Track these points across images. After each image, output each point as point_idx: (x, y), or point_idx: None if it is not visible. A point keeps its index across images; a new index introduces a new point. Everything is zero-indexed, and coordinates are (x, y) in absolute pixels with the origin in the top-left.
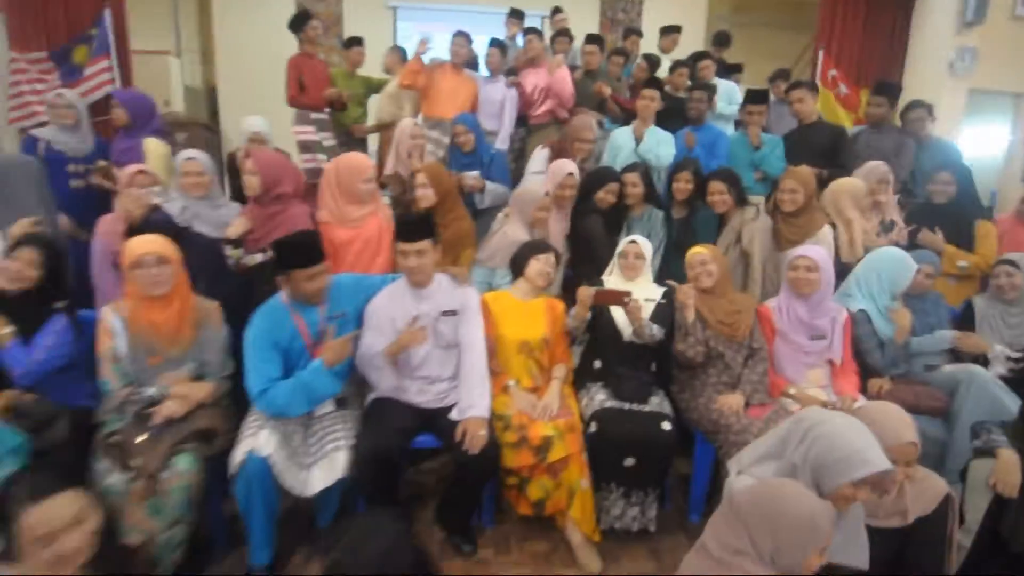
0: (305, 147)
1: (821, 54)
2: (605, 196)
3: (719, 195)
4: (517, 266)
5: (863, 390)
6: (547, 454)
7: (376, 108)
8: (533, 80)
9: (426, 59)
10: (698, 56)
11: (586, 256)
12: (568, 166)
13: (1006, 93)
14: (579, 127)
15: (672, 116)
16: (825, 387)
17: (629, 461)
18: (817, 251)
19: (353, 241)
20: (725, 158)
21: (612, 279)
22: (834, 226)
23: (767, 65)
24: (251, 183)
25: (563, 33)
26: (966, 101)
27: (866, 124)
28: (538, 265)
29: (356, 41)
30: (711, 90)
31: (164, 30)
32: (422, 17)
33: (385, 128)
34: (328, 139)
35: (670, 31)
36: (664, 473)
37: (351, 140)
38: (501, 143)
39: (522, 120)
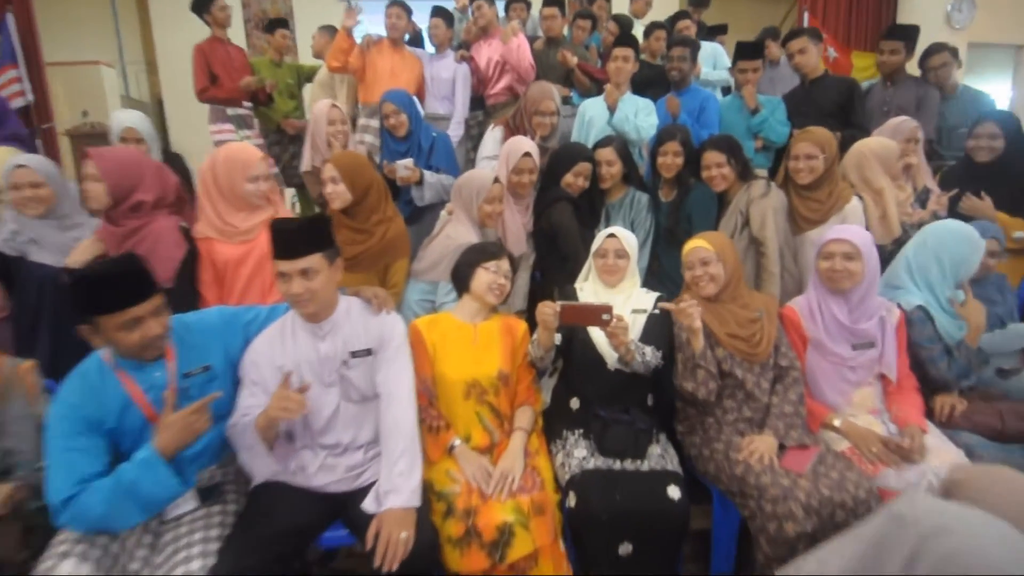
0: None
1: (806, 15)
2: (575, 180)
3: (717, 168)
4: (460, 278)
5: (928, 413)
6: (506, 551)
7: (310, 99)
8: (486, 53)
9: (358, 36)
10: (677, 16)
11: (556, 258)
12: (524, 144)
13: (1007, 46)
14: (536, 96)
15: (650, 86)
16: (878, 413)
17: (625, 548)
18: (856, 232)
19: (243, 260)
20: (716, 126)
21: (588, 286)
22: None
23: (746, 35)
24: (94, 192)
25: None
26: (965, 56)
27: (880, 76)
28: (487, 276)
29: (280, 23)
30: (694, 47)
31: (106, 40)
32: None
33: None
34: (252, 138)
35: None
36: (675, 559)
37: (285, 139)
38: (455, 129)
39: (479, 102)
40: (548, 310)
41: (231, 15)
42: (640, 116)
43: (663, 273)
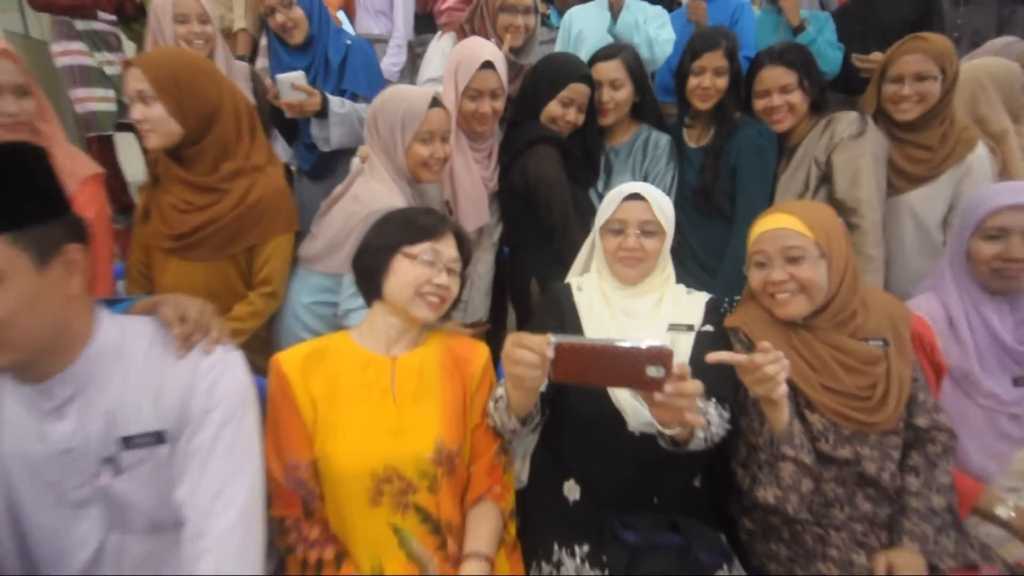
0: (74, 77)
1: None
2: (563, 112)
3: (781, 95)
4: (367, 274)
5: None
6: None
7: None
8: None
9: None
10: None
11: (534, 231)
12: (483, 49)
13: None
14: None
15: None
16: None
17: None
18: None
19: None
20: (753, 47)
21: (590, 283)
22: None
23: None
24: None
25: None
26: None
27: None
28: (414, 269)
29: None
30: None
31: None
32: None
33: None
34: (115, 64)
35: None
36: None
37: None
38: (394, 55)
39: (428, 21)
40: (528, 352)
41: None
42: (652, 24)
43: (688, 256)
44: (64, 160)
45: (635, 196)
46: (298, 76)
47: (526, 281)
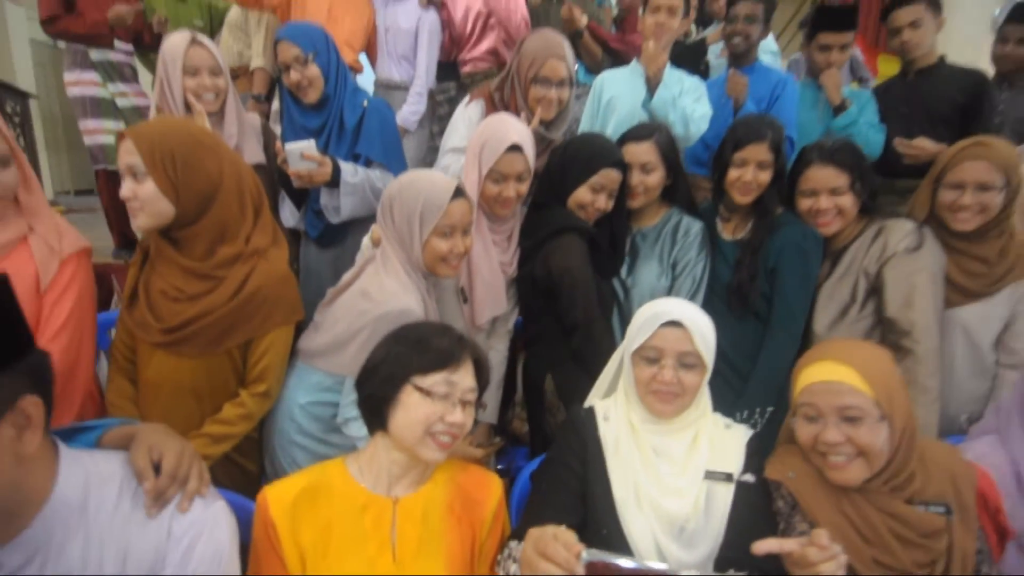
0: (85, 108)
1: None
2: (593, 198)
3: (830, 198)
4: (372, 401)
5: None
6: None
7: (221, 47)
8: (464, 1)
9: None
10: None
11: (553, 326)
12: (511, 129)
13: None
14: (538, 52)
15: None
16: None
17: None
18: None
19: None
20: (794, 124)
21: (617, 409)
22: None
23: None
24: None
25: None
26: None
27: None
28: (427, 406)
29: None
30: (768, 3)
31: None
32: None
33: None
34: (129, 95)
35: None
36: None
37: None
38: (414, 103)
39: (451, 69)
40: (554, 567)
41: None
42: (688, 97)
43: (718, 355)
44: (48, 235)
45: (674, 322)
46: (308, 146)
47: (540, 376)
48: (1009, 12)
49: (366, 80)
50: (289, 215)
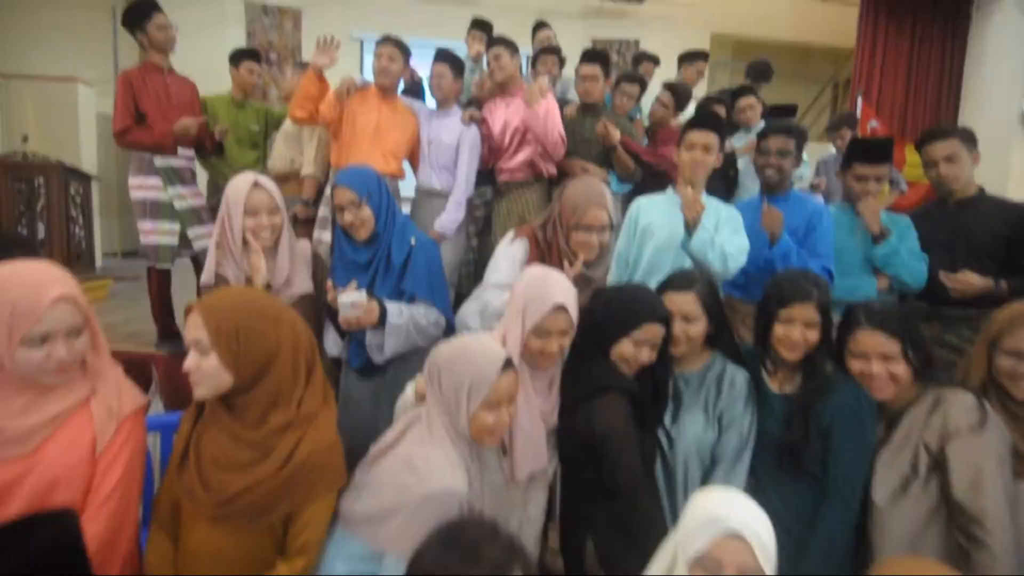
0: (145, 210)
1: (860, 101)
2: (636, 352)
3: (882, 363)
4: None
5: None
6: None
7: (273, 155)
8: (503, 115)
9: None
10: (738, 92)
11: (593, 483)
12: (556, 288)
13: None
14: (580, 201)
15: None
16: None
17: None
18: None
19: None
20: (831, 256)
21: None
22: None
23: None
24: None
25: (550, 51)
26: None
27: None
28: None
29: (248, 55)
30: (800, 136)
31: (94, 55)
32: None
33: (282, 182)
34: (187, 197)
35: (694, 58)
36: None
37: None
38: (453, 211)
39: (488, 175)
40: None
41: (175, 37)
42: (725, 233)
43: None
44: (109, 397)
45: (735, 537)
46: (358, 298)
47: (580, 539)
48: None
49: (407, 186)
50: (332, 344)
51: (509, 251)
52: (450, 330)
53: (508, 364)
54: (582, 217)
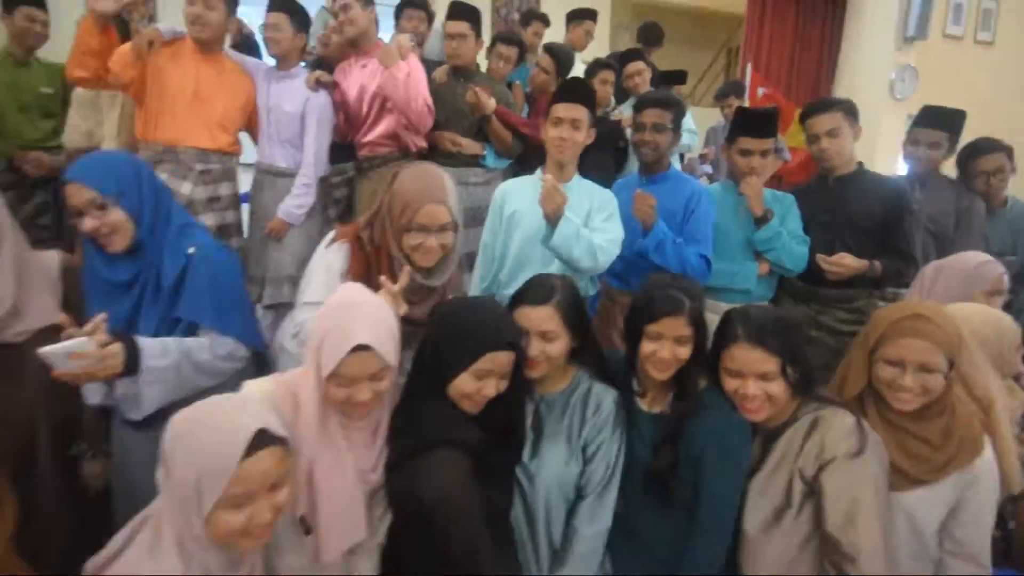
0: None
1: (749, 69)
2: (479, 385)
3: (759, 383)
4: None
5: None
6: None
7: (67, 125)
8: (358, 79)
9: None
10: (627, 56)
11: (433, 555)
12: (360, 322)
13: None
14: (413, 194)
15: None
16: None
17: None
18: None
19: None
20: (710, 241)
21: None
22: None
23: None
24: None
25: (413, 3)
26: (905, 126)
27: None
28: None
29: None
30: (677, 109)
31: None
32: None
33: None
34: None
35: (582, 17)
36: None
37: (21, 183)
38: (301, 195)
39: (348, 150)
40: None
41: None
42: (597, 222)
43: (638, 543)
44: None
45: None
46: (76, 345)
47: None
48: (917, 116)
49: (248, 161)
50: (94, 391)
51: (325, 258)
52: (261, 358)
53: (262, 441)
54: (415, 215)
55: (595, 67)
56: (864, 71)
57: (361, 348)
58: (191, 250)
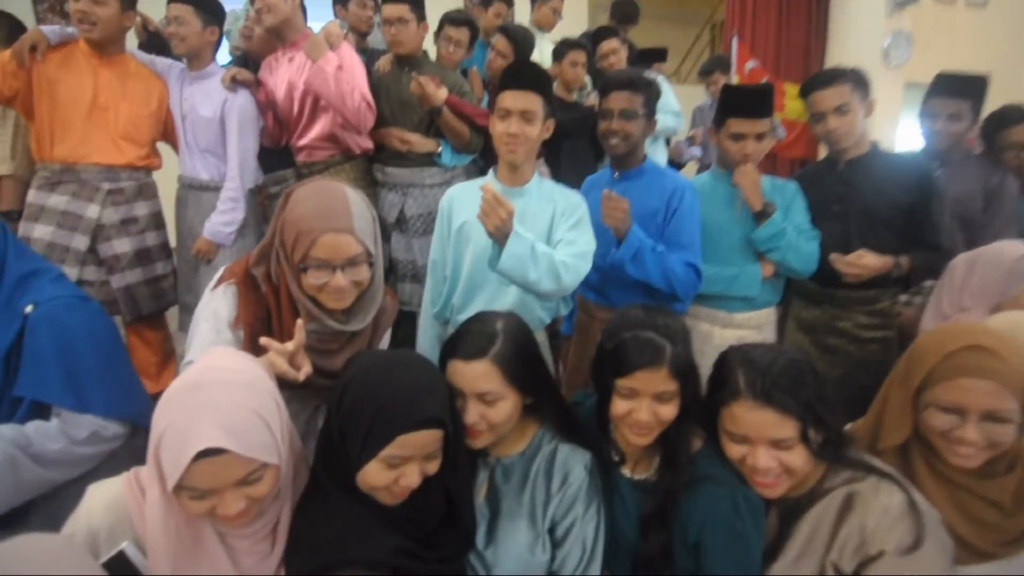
0: None
1: (735, 43)
2: (394, 474)
3: (770, 451)
4: None
5: None
6: None
7: None
8: (287, 74)
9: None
10: (600, 33)
11: None
12: (204, 427)
13: None
14: (306, 221)
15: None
16: None
17: None
18: None
19: None
20: (698, 245)
21: None
22: None
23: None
24: None
25: None
26: (902, 95)
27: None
28: None
29: None
30: (649, 92)
31: None
32: None
33: None
34: None
35: None
36: None
37: None
38: (227, 211)
39: (286, 155)
40: None
41: None
42: (561, 231)
43: None
44: None
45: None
46: None
47: None
48: (932, 86)
49: (170, 175)
50: None
51: (210, 305)
52: (141, 431)
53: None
54: (310, 247)
55: (564, 47)
56: (855, 39)
57: (208, 454)
58: (28, 308)
